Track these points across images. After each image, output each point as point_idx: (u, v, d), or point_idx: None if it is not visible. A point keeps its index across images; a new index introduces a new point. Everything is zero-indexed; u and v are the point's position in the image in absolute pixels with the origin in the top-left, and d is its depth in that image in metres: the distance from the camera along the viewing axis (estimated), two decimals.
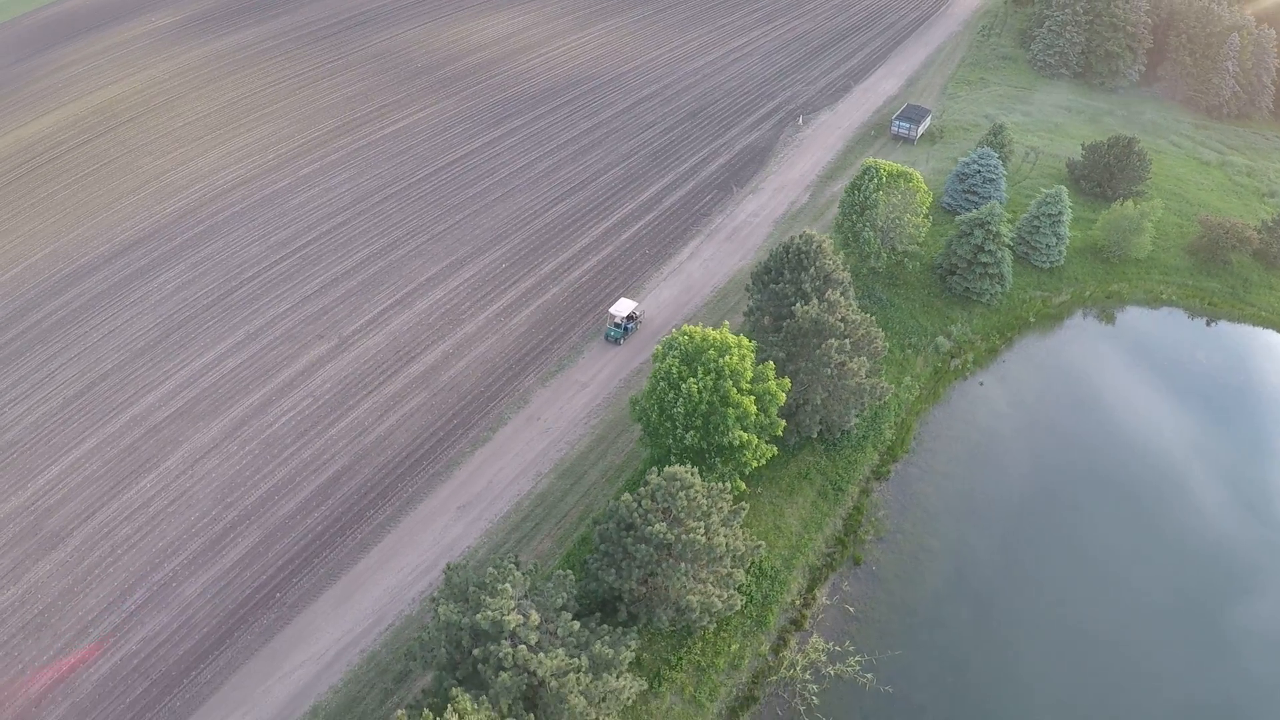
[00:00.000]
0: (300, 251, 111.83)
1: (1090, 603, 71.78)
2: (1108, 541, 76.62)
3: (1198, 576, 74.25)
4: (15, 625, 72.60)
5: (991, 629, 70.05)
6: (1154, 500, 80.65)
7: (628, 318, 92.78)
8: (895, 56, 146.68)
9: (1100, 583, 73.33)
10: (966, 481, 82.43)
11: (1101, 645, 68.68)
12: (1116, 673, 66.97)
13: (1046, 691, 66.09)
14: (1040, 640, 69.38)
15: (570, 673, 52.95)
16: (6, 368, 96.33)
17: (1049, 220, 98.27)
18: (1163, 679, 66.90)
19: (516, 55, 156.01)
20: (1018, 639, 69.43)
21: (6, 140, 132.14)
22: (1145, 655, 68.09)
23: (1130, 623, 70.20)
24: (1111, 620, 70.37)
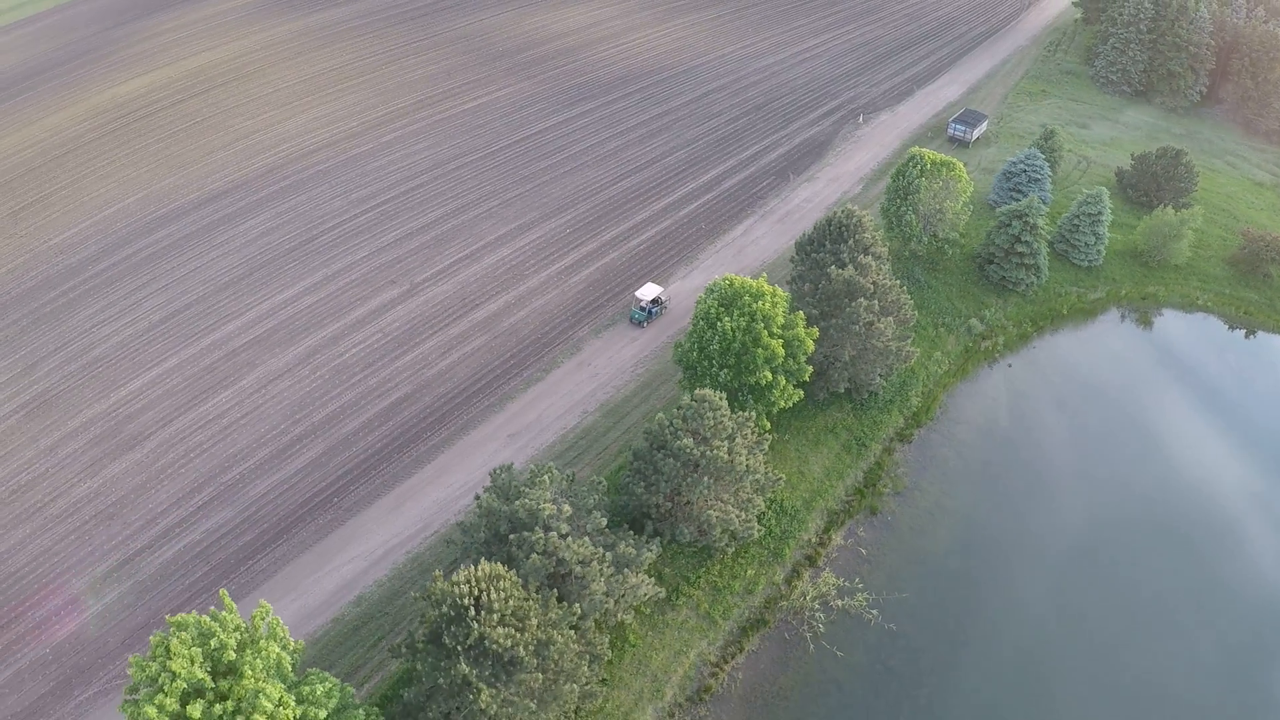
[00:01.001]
0: (379, 208, 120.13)
1: (1092, 573, 75.54)
2: (1117, 519, 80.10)
3: (1198, 552, 77.66)
4: (89, 513, 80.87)
5: (996, 585, 74.19)
6: (1165, 488, 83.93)
7: (652, 301, 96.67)
8: (960, 65, 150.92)
9: (1103, 558, 76.80)
10: (986, 451, 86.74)
11: (1101, 616, 72.01)
12: (1114, 646, 70.07)
13: (1041, 642, 70.05)
14: (1041, 596, 73.50)
15: (594, 561, 58.93)
16: (97, 295, 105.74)
17: (1088, 220, 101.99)
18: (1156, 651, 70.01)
19: (595, 44, 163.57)
20: (1021, 597, 73.47)
21: (104, 97, 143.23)
22: (1146, 637, 70.92)
23: (1132, 604, 73.29)
24: (1113, 597, 73.63)
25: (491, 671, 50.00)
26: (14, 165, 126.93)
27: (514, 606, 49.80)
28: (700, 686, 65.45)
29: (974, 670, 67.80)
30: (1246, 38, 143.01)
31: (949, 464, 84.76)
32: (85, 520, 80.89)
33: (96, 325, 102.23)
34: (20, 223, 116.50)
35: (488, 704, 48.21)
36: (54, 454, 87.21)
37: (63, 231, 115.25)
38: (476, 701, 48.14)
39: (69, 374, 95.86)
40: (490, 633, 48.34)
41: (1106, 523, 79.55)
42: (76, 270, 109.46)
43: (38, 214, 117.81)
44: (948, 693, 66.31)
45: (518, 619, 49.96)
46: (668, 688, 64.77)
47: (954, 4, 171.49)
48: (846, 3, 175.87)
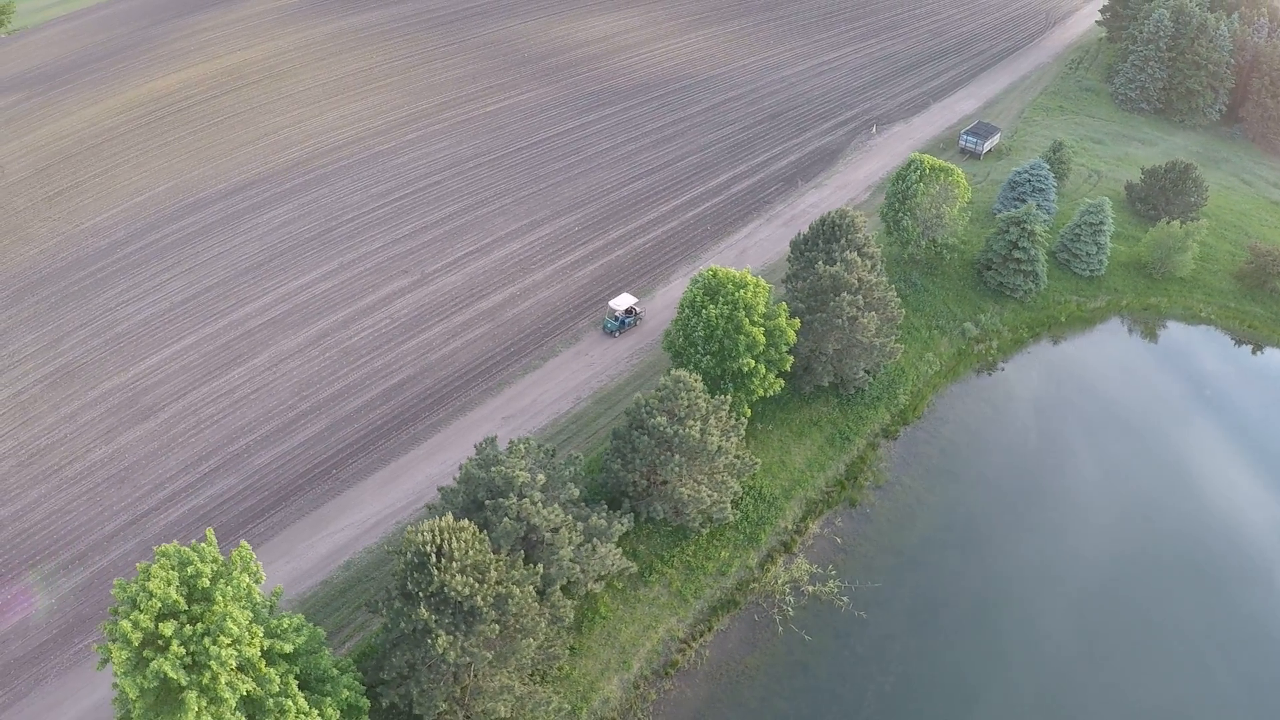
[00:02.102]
0: (396, 202, 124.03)
1: (1064, 576, 75.52)
2: (1096, 526, 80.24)
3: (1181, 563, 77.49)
4: (102, 476, 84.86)
5: (968, 580, 75.08)
6: (1148, 499, 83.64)
7: (626, 311, 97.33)
8: (979, 81, 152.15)
9: (1078, 562, 76.83)
10: (971, 451, 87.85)
11: (1070, 617, 72.17)
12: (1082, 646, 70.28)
13: (1008, 638, 70.64)
14: (1011, 594, 74.22)
15: (563, 529, 61.18)
16: (123, 275, 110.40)
17: (1090, 229, 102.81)
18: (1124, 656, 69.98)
19: (617, 53, 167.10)
20: (991, 593, 74.24)
21: (141, 91, 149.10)
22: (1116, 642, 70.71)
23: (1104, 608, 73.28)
24: (1084, 600, 73.73)
25: (451, 620, 52.40)
26: (53, 153, 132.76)
27: (474, 558, 52.15)
28: (667, 661, 67.25)
29: (940, 661, 68.59)
30: (1267, 57, 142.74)
31: (932, 462, 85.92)
32: (98, 483, 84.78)
33: (121, 304, 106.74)
34: (55, 207, 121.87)
35: (444, 649, 50.55)
36: (73, 421, 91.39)
37: (95, 216, 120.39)
38: (434, 647, 50.49)
39: (92, 348, 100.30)
40: (449, 580, 50.74)
41: (1084, 529, 79.88)
42: (106, 252, 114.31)
43: (72, 199, 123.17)
44: (912, 680, 67.20)
45: (478, 570, 52.31)
46: (635, 660, 66.66)
47: (978, 21, 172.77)
48: (869, 18, 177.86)
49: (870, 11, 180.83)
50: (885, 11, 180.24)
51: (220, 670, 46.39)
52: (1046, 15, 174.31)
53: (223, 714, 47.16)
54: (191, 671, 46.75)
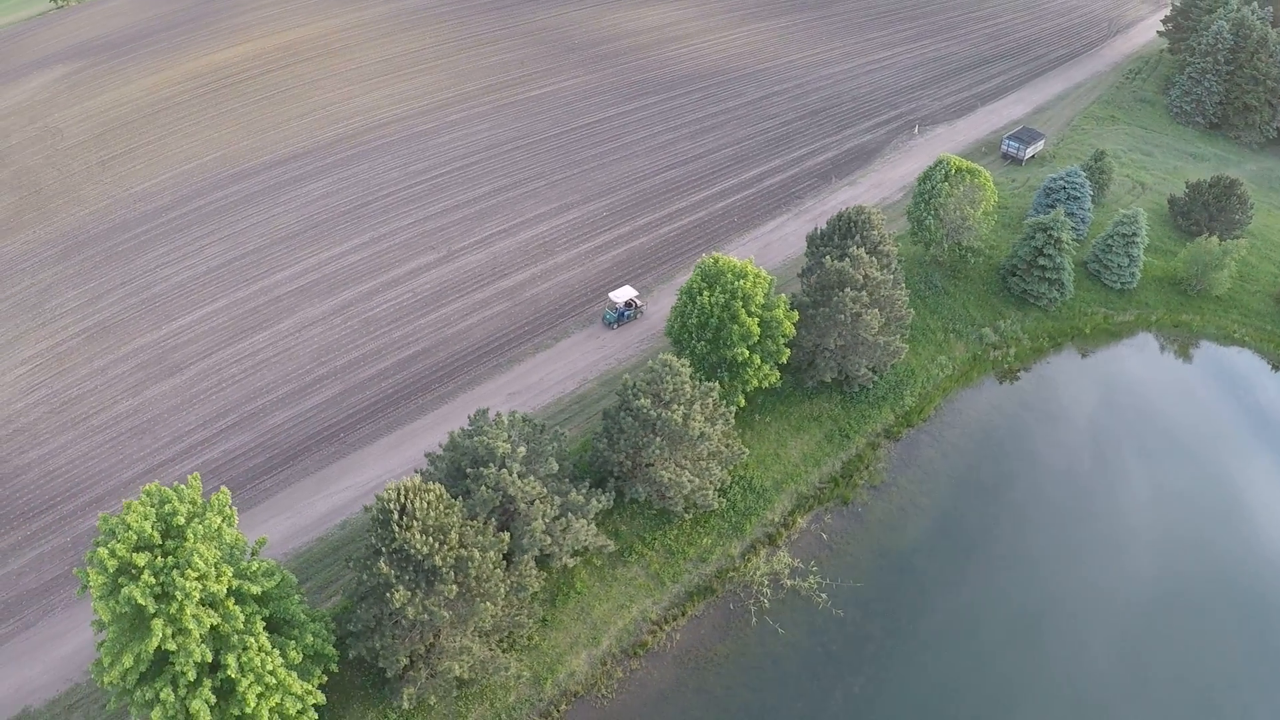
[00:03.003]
0: (432, 180, 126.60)
1: (1058, 596, 73.04)
2: (1096, 546, 77.62)
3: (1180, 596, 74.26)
4: (126, 427, 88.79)
5: (954, 589, 73.64)
6: (1154, 523, 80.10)
7: (625, 304, 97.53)
8: (1031, 86, 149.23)
9: (1073, 583, 74.18)
10: (974, 459, 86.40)
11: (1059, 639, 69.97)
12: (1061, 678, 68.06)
13: (988, 652, 68.92)
14: (998, 609, 72.33)
15: (538, 501, 62.40)
16: (165, 239, 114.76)
17: (1122, 240, 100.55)
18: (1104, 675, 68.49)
19: (666, 44, 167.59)
20: (977, 605, 72.56)
21: (199, 63, 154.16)
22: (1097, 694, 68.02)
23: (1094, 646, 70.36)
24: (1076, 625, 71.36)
25: (412, 578, 54.02)
26: (110, 119, 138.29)
27: (437, 519, 53.64)
28: (637, 641, 68.08)
29: (912, 667, 67.54)
30: None
31: (932, 466, 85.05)
32: (121, 432, 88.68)
33: (160, 266, 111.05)
34: (107, 170, 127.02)
35: (402, 604, 52.20)
36: (104, 374, 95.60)
37: (144, 181, 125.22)
38: (393, 601, 52.15)
39: (129, 306, 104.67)
40: (410, 538, 52.33)
41: (1085, 551, 77.06)
42: (151, 216, 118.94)
43: (124, 164, 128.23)
44: (882, 684, 66.23)
45: (440, 531, 53.80)
46: (605, 637, 67.68)
47: (1037, 26, 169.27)
48: (926, 18, 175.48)
49: (928, 12, 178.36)
50: (943, 13, 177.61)
51: (186, 602, 48.70)
52: (1109, 24, 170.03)
53: (188, 644, 49.45)
54: (160, 601, 49.25)
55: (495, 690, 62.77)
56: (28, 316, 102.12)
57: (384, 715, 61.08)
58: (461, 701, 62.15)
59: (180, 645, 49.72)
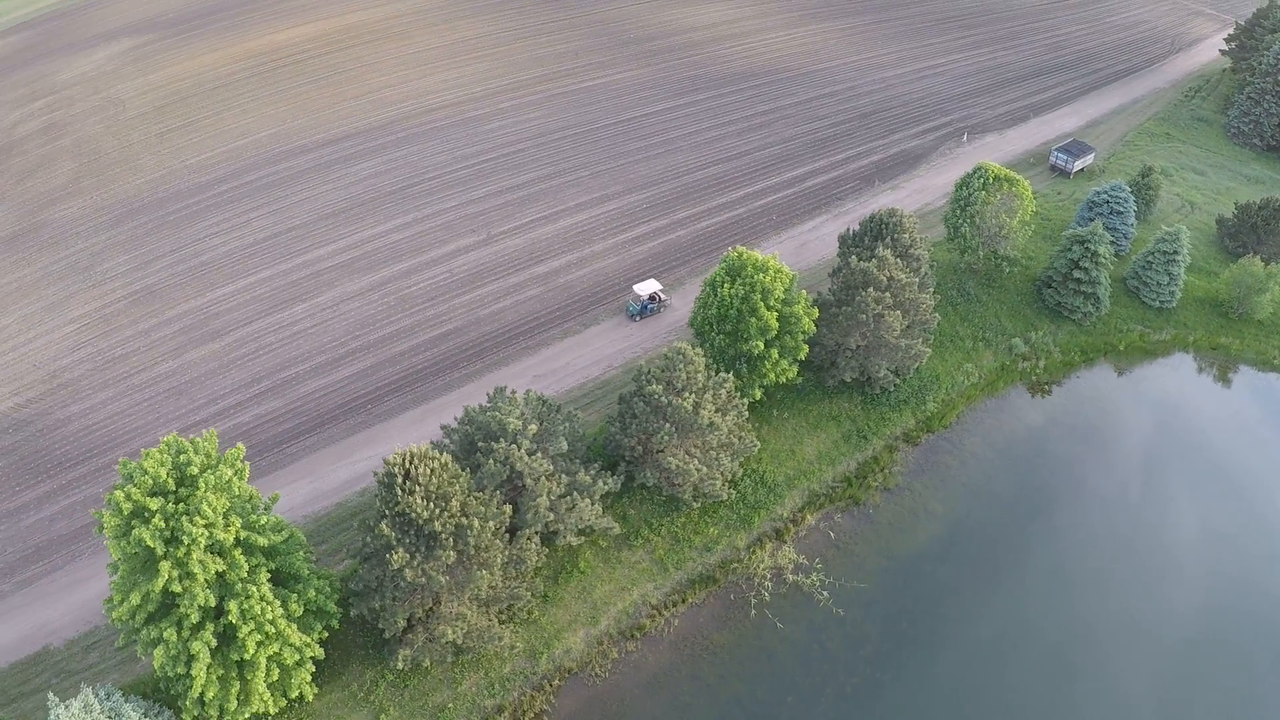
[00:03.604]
0: (478, 165, 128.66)
1: (1061, 615, 71.77)
2: (1108, 570, 75.92)
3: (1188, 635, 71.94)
4: (164, 387, 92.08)
5: (959, 598, 72.84)
6: (1172, 553, 77.82)
7: (649, 298, 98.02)
8: (1087, 99, 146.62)
9: (1079, 604, 72.80)
10: (992, 468, 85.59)
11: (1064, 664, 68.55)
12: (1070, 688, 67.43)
13: (987, 665, 68.01)
14: (1002, 621, 71.29)
15: (544, 478, 63.57)
16: (215, 210, 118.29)
17: (1163, 258, 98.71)
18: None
19: (721, 41, 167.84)
20: (980, 615, 71.74)
21: (260, 42, 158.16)
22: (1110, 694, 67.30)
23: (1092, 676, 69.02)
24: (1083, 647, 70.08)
25: (412, 542, 55.54)
26: (171, 93, 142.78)
27: (438, 485, 55.05)
28: (635, 624, 68.95)
29: (908, 673, 67.01)
30: None
31: (949, 473, 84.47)
32: (159, 392, 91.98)
33: (209, 235, 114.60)
34: (165, 142, 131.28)
35: (400, 565, 53.74)
36: (148, 336, 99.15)
37: (199, 154, 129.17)
38: (392, 563, 53.70)
39: (177, 273, 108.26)
40: (411, 503, 53.82)
41: (1098, 573, 75.45)
42: (204, 188, 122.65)
43: (182, 136, 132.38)
44: (876, 686, 66.01)
45: (442, 499, 55.20)
46: (604, 618, 68.67)
47: (1099, 39, 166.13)
48: (987, 27, 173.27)
49: (989, 20, 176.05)
50: (1005, 21, 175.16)
51: (193, 547, 50.80)
52: (1172, 40, 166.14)
53: (193, 588, 51.56)
54: (169, 544, 51.37)
55: (490, 660, 64.17)
56: (80, 278, 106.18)
57: (381, 675, 62.84)
58: (457, 668, 63.67)
59: (186, 588, 51.86)
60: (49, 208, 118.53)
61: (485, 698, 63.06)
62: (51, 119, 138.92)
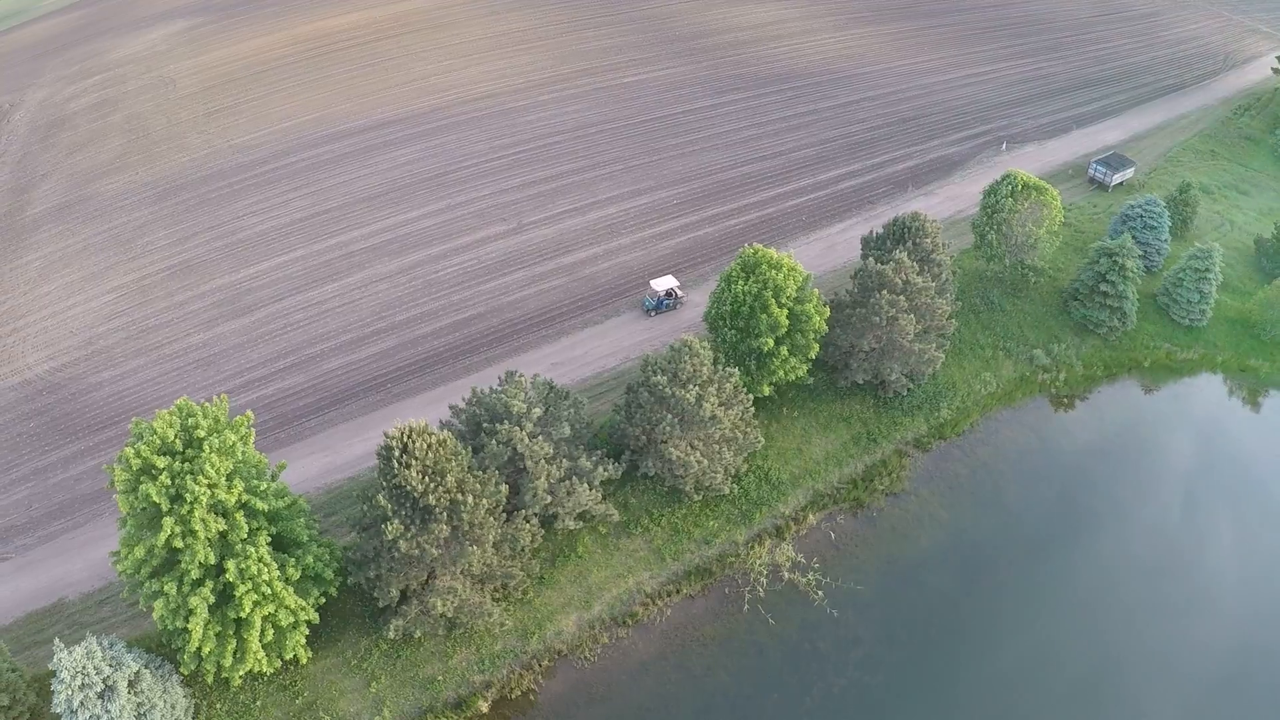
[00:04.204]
0: (514, 155, 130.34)
1: (1060, 637, 70.46)
2: (1110, 600, 73.80)
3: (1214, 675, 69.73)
4: (194, 358, 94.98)
5: (957, 609, 71.84)
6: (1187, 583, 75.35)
7: (665, 293, 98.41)
8: (1132, 113, 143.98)
9: (1079, 628, 71.31)
10: (1004, 479, 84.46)
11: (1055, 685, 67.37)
12: None
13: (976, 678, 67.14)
14: (997, 636, 70.17)
15: (543, 460, 64.60)
16: (255, 190, 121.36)
17: (1194, 275, 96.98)
18: None
19: (767, 41, 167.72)
20: (975, 630, 70.70)
21: (312, 27, 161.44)
22: None
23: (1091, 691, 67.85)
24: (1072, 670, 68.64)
25: (408, 515, 56.92)
26: (219, 75, 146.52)
27: (434, 461, 56.34)
28: (628, 611, 69.75)
29: (898, 678, 66.46)
30: None
31: (958, 482, 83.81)
32: (189, 363, 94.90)
33: (248, 214, 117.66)
34: (211, 122, 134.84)
35: (394, 535, 55.19)
36: (182, 308, 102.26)
37: (244, 135, 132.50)
38: (386, 533, 55.13)
39: (214, 249, 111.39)
40: (407, 475, 55.19)
41: (1101, 595, 73.64)
42: (246, 168, 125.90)
43: (227, 117, 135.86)
44: (864, 690, 65.68)
45: (437, 474, 56.48)
46: (598, 603, 69.59)
47: (1149, 54, 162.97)
48: (1035, 36, 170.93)
49: (1038, 30, 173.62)
50: (1053, 32, 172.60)
51: (195, 506, 52.70)
52: (1225, 57, 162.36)
53: (195, 545, 53.49)
54: (174, 502, 53.31)
55: (482, 637, 65.42)
56: (120, 250, 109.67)
57: (375, 644, 64.47)
58: (449, 643, 65.03)
59: (188, 545, 53.79)
60: (96, 181, 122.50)
61: (475, 673, 64.34)
62: (104, 95, 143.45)
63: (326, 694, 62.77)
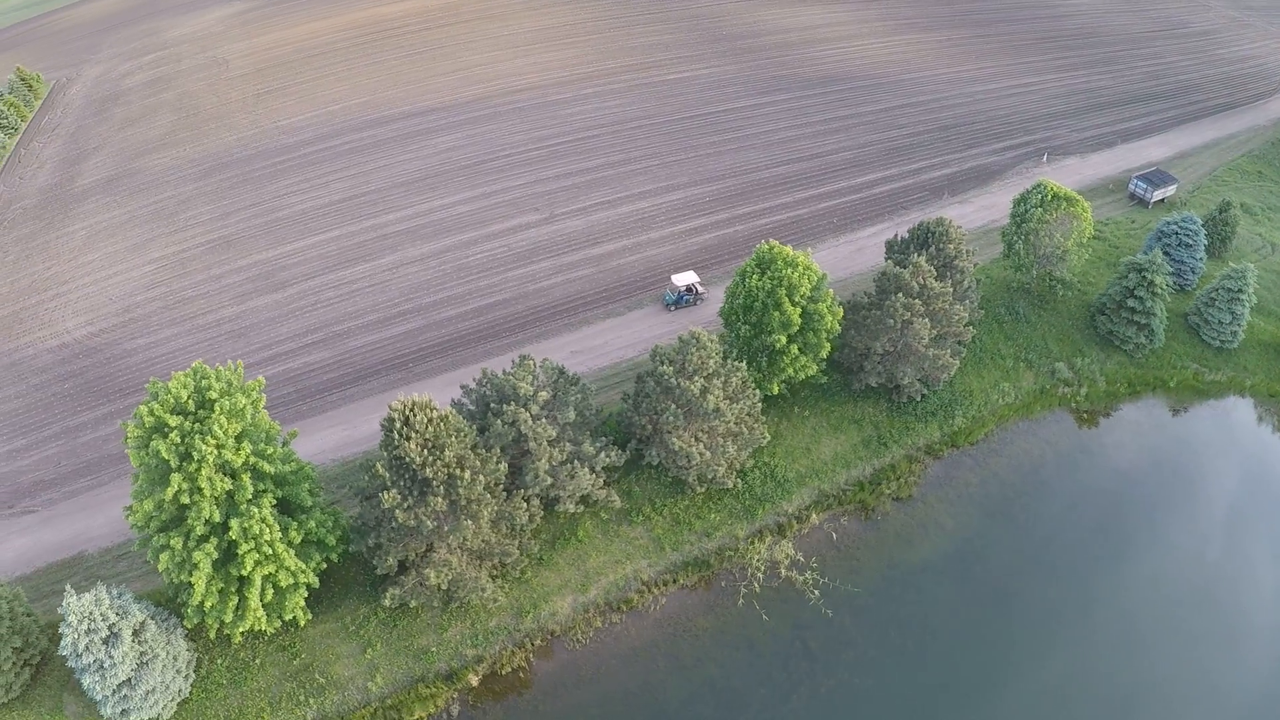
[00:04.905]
0: (552, 147, 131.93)
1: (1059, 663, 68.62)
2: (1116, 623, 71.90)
3: None
4: (225, 330, 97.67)
5: (954, 620, 70.42)
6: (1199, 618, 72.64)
7: (686, 289, 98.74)
8: (1179, 130, 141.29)
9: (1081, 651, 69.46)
10: (1014, 492, 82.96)
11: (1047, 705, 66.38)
12: None
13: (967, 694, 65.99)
14: (989, 655, 68.66)
15: (546, 442, 65.68)
16: (297, 171, 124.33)
17: (1227, 295, 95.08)
18: None
19: (814, 44, 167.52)
20: (969, 643, 69.22)
21: (368, 14, 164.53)
22: None
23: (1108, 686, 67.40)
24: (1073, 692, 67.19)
25: (407, 486, 58.37)
26: (273, 57, 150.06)
27: (434, 435, 57.70)
28: (624, 597, 70.57)
29: (887, 683, 65.77)
30: None
31: (967, 491, 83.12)
32: (221, 334, 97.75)
33: (289, 193, 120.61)
34: (261, 103, 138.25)
35: (391, 505, 56.69)
36: (218, 281, 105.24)
37: (291, 116, 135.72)
38: (384, 501, 56.63)
39: (253, 226, 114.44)
40: (406, 447, 56.62)
41: (1100, 613, 71.77)
42: (290, 149, 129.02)
43: (277, 99, 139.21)
44: (851, 692, 65.11)
45: (436, 446, 57.85)
46: (594, 587, 70.51)
47: (1203, 71, 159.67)
48: (1087, 49, 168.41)
49: (1091, 43, 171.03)
50: (1107, 45, 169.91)
51: (203, 464, 54.64)
52: None
53: (201, 502, 55.49)
54: (183, 460, 55.34)
55: (477, 612, 66.73)
56: (163, 223, 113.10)
57: (374, 612, 66.14)
58: (444, 615, 66.46)
59: (194, 502, 55.78)
60: (144, 156, 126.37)
61: (468, 647, 65.66)
62: (159, 73, 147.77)
63: (323, 657, 64.55)
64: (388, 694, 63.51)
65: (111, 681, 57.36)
